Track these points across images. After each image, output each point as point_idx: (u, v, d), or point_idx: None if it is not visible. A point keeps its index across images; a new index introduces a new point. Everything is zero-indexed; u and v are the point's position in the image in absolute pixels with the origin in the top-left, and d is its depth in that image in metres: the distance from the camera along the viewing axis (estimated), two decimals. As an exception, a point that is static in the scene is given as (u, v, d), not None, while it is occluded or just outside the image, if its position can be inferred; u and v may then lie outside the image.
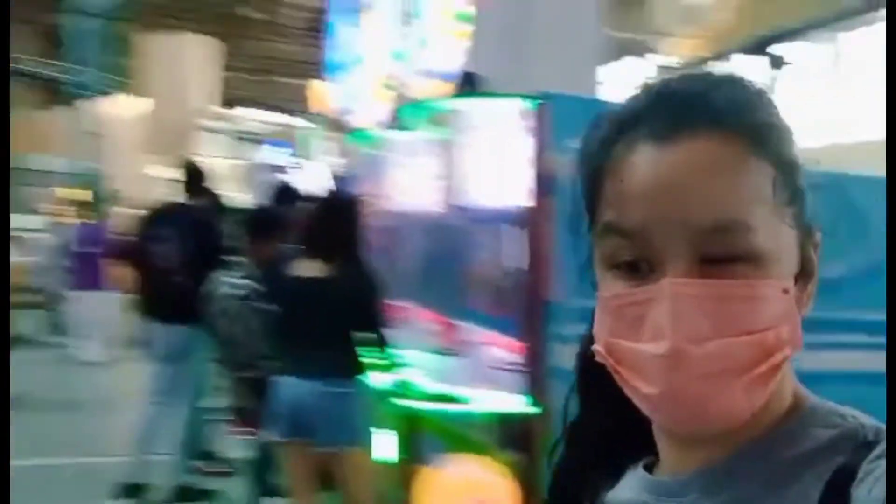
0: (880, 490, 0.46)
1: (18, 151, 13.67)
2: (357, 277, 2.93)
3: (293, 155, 9.32)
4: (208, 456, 4.35)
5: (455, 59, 3.26)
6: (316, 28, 8.72)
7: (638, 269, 0.53)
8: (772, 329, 0.51)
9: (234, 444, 3.81)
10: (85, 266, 6.90)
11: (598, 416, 0.65)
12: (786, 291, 0.52)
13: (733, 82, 0.56)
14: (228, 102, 23.54)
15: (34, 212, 10.03)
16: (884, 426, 0.52)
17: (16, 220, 10.91)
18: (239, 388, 3.32)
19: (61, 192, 11.08)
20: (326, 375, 2.84)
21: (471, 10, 3.16)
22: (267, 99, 18.77)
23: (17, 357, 7.15)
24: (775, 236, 0.52)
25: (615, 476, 0.63)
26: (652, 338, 0.50)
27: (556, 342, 2.23)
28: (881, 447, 0.49)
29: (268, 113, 17.88)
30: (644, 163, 0.52)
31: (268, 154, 10.85)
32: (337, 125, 5.49)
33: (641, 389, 0.52)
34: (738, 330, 0.50)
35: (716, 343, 0.49)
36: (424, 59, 3.61)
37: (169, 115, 12.82)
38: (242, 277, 3.26)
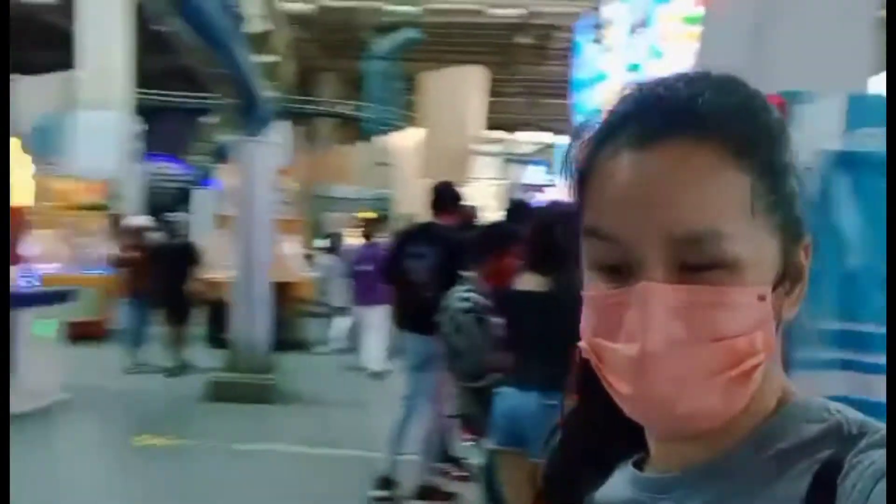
0: (865, 483, 0.47)
1: (325, 182, 15.95)
2: (575, 291, 2.90)
3: (548, 173, 9.50)
4: (451, 459, 4.61)
5: (686, 62, 3.11)
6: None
7: (619, 271, 0.54)
8: (744, 335, 0.51)
9: (471, 450, 4.01)
10: (364, 283, 7.61)
11: (592, 412, 0.66)
12: (762, 298, 0.52)
13: (723, 87, 0.55)
14: (501, 126, 24.78)
15: (330, 235, 11.39)
16: (868, 420, 0.53)
17: (318, 242, 12.75)
18: (465, 397, 3.48)
19: (357, 216, 12.58)
20: (546, 388, 2.86)
21: (699, 10, 2.99)
22: (536, 120, 19.39)
23: (304, 361, 8.39)
24: (753, 244, 0.52)
25: (606, 472, 0.65)
26: (626, 339, 0.52)
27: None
28: (866, 440, 0.50)
29: (535, 134, 18.42)
30: (623, 168, 0.53)
31: (528, 173, 11.16)
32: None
33: (618, 388, 0.54)
34: (709, 335, 0.51)
35: (686, 347, 0.50)
36: (657, 67, 3.50)
37: (446, 142, 13.88)
38: (471, 291, 3.42)
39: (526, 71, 20.33)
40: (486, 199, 13.72)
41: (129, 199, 13.97)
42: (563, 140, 5.34)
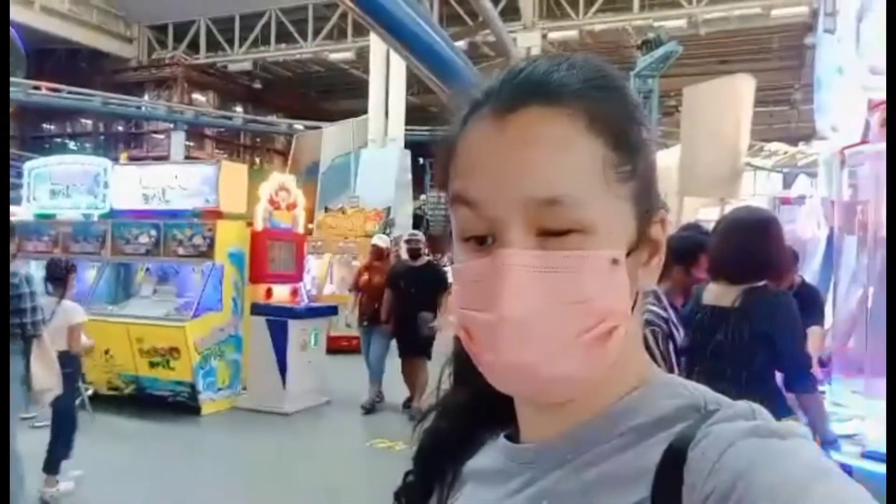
0: (713, 451, 0.48)
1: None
2: (766, 307, 2.64)
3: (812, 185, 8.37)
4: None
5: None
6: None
7: (485, 241, 0.55)
8: (599, 298, 0.53)
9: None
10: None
11: (463, 390, 0.69)
12: (615, 262, 0.53)
13: (585, 66, 0.57)
14: (789, 137, 22.41)
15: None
16: (725, 398, 0.55)
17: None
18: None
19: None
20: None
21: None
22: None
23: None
24: (607, 211, 0.53)
25: (476, 446, 0.67)
26: (488, 307, 0.53)
27: None
28: (719, 414, 0.52)
29: (793, 146, 16.42)
30: (484, 135, 0.55)
31: (798, 186, 9.96)
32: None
33: (482, 358, 0.55)
34: (565, 299, 0.52)
35: (544, 311, 0.52)
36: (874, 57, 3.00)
37: (708, 157, 13.02)
38: (656, 304, 3.23)
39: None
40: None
41: (402, 225, 15.42)
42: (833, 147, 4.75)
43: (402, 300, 6.86)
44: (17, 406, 3.76)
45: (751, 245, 2.75)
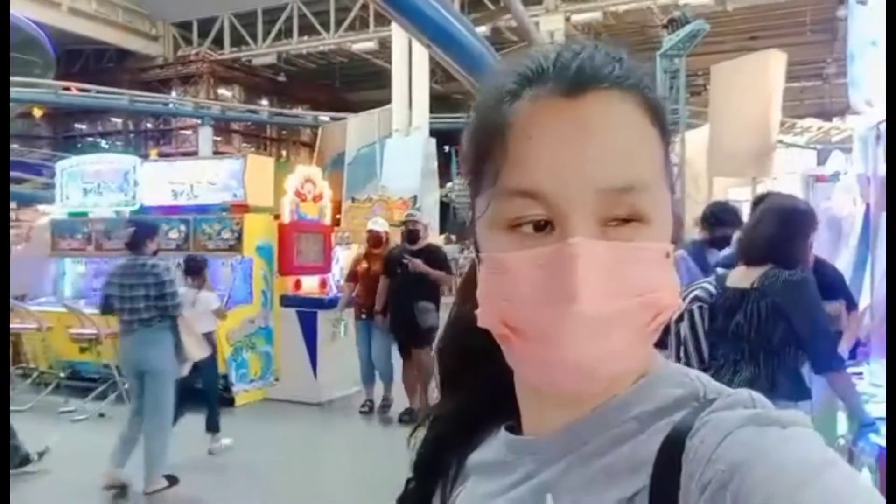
0: (712, 439, 0.47)
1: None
2: (783, 285, 2.64)
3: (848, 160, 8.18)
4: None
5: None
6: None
7: (542, 227, 0.52)
8: (658, 290, 0.52)
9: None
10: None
11: (455, 396, 0.69)
12: (667, 255, 0.53)
13: (627, 55, 0.56)
14: (824, 112, 21.91)
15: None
16: (725, 388, 0.54)
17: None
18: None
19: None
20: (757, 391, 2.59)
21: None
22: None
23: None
24: (662, 199, 0.53)
25: (477, 442, 0.66)
26: (554, 299, 0.50)
27: None
28: (718, 403, 0.51)
29: (826, 121, 16.02)
30: (552, 118, 0.52)
31: (832, 162, 9.72)
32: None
33: (535, 353, 0.52)
34: (631, 291, 0.51)
35: (614, 305, 0.50)
36: None
37: (737, 136, 12.77)
38: (712, 283, 3.18)
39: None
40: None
41: (429, 213, 15.41)
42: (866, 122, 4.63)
43: (398, 288, 6.12)
44: (172, 371, 4.72)
45: (779, 234, 2.74)
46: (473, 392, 0.65)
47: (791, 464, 0.44)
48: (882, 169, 3.83)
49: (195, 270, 5.59)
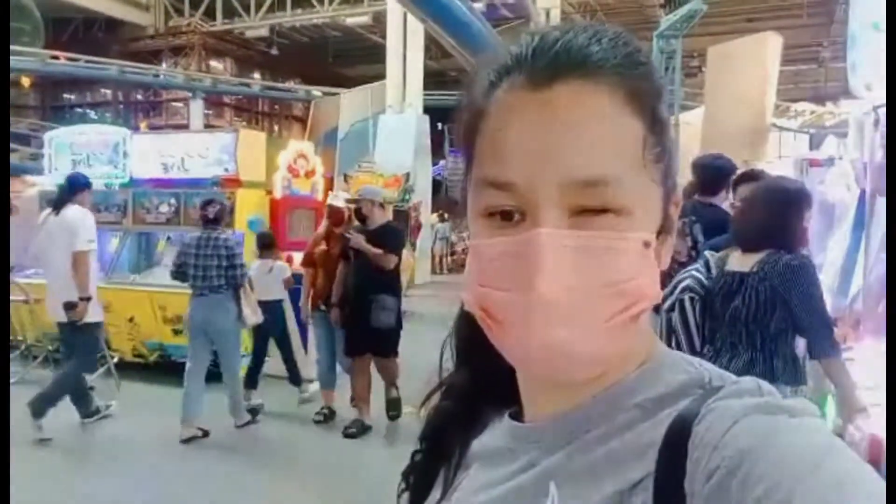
0: (719, 426, 0.47)
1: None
2: (782, 269, 2.64)
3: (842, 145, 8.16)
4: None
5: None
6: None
7: (511, 217, 0.53)
8: (633, 280, 0.52)
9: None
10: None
11: (466, 369, 0.69)
12: (647, 245, 0.53)
13: (619, 38, 0.55)
14: (819, 96, 21.88)
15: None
16: (730, 374, 0.54)
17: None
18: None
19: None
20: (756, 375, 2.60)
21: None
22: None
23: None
24: (642, 191, 0.53)
25: (481, 425, 0.67)
26: (520, 286, 0.51)
27: None
28: (725, 390, 0.51)
29: (820, 105, 16.00)
30: (519, 109, 0.52)
31: (827, 147, 9.70)
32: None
33: (508, 336, 0.53)
34: (603, 279, 0.51)
35: (581, 291, 0.51)
36: None
37: (731, 118, 12.77)
38: (701, 272, 3.17)
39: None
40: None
41: (422, 191, 15.34)
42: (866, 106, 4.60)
43: (353, 276, 5.28)
44: (235, 330, 5.56)
45: (772, 221, 2.73)
46: (483, 369, 0.65)
47: (799, 451, 0.44)
48: (879, 154, 3.81)
49: (269, 245, 6.39)
